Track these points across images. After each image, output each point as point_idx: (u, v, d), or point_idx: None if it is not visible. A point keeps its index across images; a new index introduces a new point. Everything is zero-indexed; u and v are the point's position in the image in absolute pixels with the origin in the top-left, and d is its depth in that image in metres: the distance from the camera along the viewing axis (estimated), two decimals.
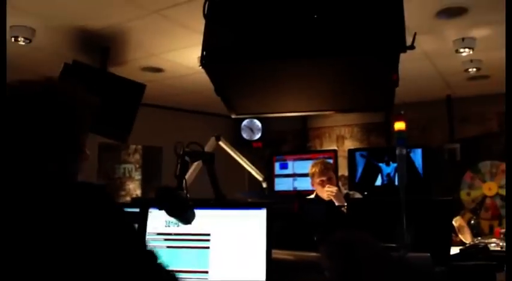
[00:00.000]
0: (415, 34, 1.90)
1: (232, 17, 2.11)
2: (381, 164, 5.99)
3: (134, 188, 8.87)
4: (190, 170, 2.34)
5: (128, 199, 8.61)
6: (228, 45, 2.04)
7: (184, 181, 1.73)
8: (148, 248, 1.19)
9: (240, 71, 2.15)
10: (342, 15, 1.97)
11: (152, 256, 1.17)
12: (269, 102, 2.52)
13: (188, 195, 1.70)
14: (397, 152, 1.92)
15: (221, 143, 2.86)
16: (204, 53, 1.99)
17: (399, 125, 1.94)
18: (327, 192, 3.66)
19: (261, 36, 2.03)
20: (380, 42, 1.91)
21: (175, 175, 1.76)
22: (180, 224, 1.88)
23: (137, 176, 8.89)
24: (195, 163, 2.62)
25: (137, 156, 8.93)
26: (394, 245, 1.90)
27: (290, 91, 2.37)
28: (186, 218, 1.64)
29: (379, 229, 2.27)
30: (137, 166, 8.91)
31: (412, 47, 1.88)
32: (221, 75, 2.13)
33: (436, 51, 4.59)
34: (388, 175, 5.92)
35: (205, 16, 2.11)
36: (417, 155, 5.85)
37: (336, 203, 3.56)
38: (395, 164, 5.75)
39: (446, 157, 6.28)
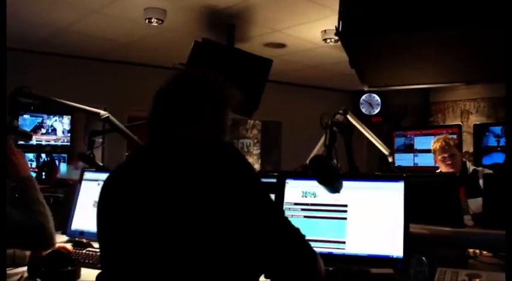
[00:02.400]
0: None
1: None
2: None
3: (253, 163, 9.11)
4: None
5: None
6: (364, 17, 2.02)
7: (333, 150, 1.76)
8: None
9: (374, 43, 2.12)
10: None
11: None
12: (401, 75, 2.47)
13: (339, 165, 1.73)
14: None
15: (349, 117, 2.86)
16: (341, 24, 1.98)
17: None
18: None
19: (395, 7, 1.99)
20: None
21: (324, 145, 1.80)
22: (317, 194, 1.94)
23: (255, 150, 9.12)
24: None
25: (255, 131, 9.14)
26: None
27: (424, 63, 2.31)
28: (336, 187, 1.67)
29: None
30: (255, 140, 9.13)
31: None
32: (356, 47, 2.11)
33: None
34: None
35: None
36: None
37: None
38: None
39: None
